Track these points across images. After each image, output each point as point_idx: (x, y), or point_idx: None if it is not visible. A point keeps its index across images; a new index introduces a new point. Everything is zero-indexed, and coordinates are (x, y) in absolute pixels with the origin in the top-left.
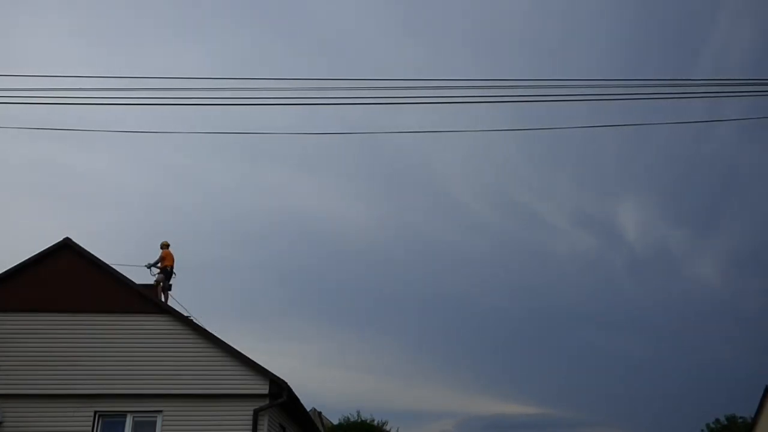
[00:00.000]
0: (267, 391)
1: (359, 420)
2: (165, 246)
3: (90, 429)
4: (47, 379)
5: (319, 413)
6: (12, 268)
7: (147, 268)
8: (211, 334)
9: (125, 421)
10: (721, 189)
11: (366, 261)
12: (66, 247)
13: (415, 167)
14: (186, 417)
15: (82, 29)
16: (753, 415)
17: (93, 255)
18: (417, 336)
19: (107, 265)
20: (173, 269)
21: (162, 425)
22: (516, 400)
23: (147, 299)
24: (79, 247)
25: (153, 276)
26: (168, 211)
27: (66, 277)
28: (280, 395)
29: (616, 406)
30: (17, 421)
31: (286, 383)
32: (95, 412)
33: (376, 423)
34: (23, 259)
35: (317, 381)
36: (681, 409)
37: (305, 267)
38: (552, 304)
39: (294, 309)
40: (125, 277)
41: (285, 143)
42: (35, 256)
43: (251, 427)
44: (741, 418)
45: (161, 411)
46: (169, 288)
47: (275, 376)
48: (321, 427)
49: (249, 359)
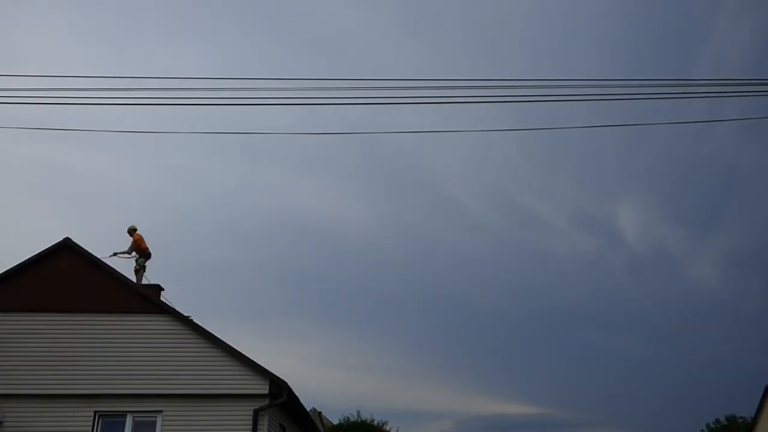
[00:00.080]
0: (267, 391)
1: (359, 420)
2: (134, 230)
3: (90, 429)
4: (47, 379)
5: (319, 413)
6: (12, 268)
7: (117, 256)
8: (211, 334)
9: (125, 421)
10: (721, 189)
11: (366, 261)
12: (66, 247)
13: (415, 167)
14: (186, 417)
15: (82, 29)
16: (753, 415)
17: (93, 255)
18: (417, 336)
19: (107, 265)
20: (148, 252)
21: (162, 425)
22: (516, 400)
23: (147, 299)
24: (79, 247)
25: (127, 259)
26: (168, 211)
27: (66, 277)
28: (280, 395)
29: (616, 406)
30: (17, 421)
31: (286, 383)
32: (95, 412)
33: (376, 423)
34: (23, 259)
35: (317, 381)
36: (681, 409)
37: (305, 267)
38: (552, 304)
39: (294, 309)
40: (125, 277)
41: (285, 143)
42: (35, 256)
43: (251, 427)
44: (741, 418)
45: (161, 411)
46: (144, 268)
47: (275, 376)
48: (321, 427)
49: (249, 359)
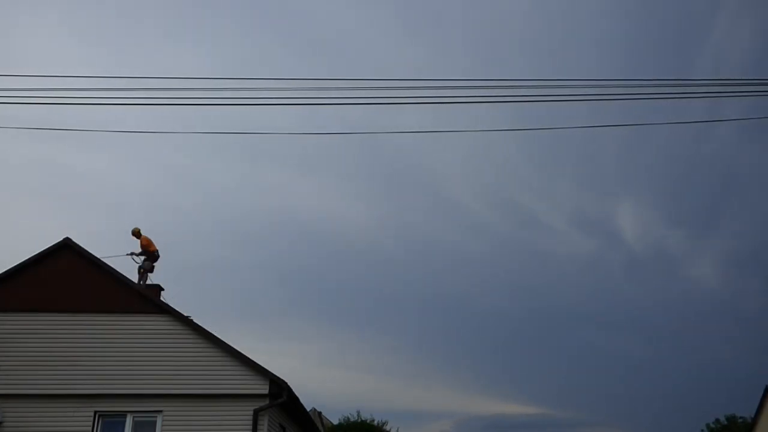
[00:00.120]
0: (267, 391)
1: (359, 420)
2: (138, 233)
3: (90, 429)
4: (47, 379)
5: (319, 413)
6: (12, 268)
7: (131, 256)
8: (211, 334)
9: (125, 421)
10: (721, 189)
11: (366, 261)
12: (66, 247)
13: (415, 167)
14: (186, 417)
15: (82, 29)
16: (753, 415)
17: (93, 255)
18: (417, 336)
19: (107, 265)
20: (156, 254)
21: (162, 425)
22: (516, 400)
23: (147, 299)
24: (79, 247)
25: (137, 263)
26: (168, 211)
27: (66, 277)
28: (280, 395)
29: (616, 406)
30: (17, 421)
31: (286, 383)
32: (95, 412)
33: (376, 423)
34: (23, 259)
35: (317, 381)
36: (681, 409)
37: (305, 267)
38: (552, 304)
39: (294, 309)
40: (125, 277)
41: (285, 143)
42: (35, 256)
43: (251, 427)
44: (741, 418)
45: (161, 411)
46: (151, 270)
47: (275, 376)
48: (321, 427)
49: (249, 359)
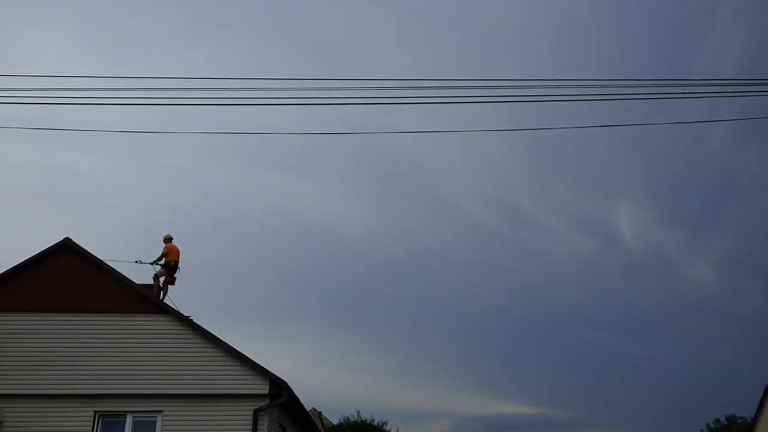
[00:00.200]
0: (267, 391)
1: (359, 420)
2: (168, 240)
3: (90, 429)
4: (47, 379)
5: (319, 413)
6: (12, 268)
7: (150, 264)
8: (211, 334)
9: (125, 421)
10: (720, 189)
11: (366, 261)
12: (66, 247)
13: (415, 168)
14: (186, 417)
15: (82, 29)
16: (753, 415)
17: (93, 255)
18: (417, 336)
19: (107, 265)
20: (177, 264)
21: (162, 425)
22: (515, 400)
23: (147, 299)
24: (79, 247)
25: (154, 270)
26: (168, 211)
27: (66, 277)
28: (280, 395)
29: (616, 406)
30: (17, 421)
31: (286, 383)
32: (95, 412)
33: (376, 423)
34: (23, 259)
35: (317, 381)
36: (681, 409)
37: (305, 267)
38: (551, 304)
39: (294, 309)
40: (125, 277)
41: (285, 143)
42: (35, 256)
43: (251, 427)
44: (741, 418)
45: (161, 411)
46: (172, 282)
47: (275, 376)
48: (321, 427)
49: (249, 359)
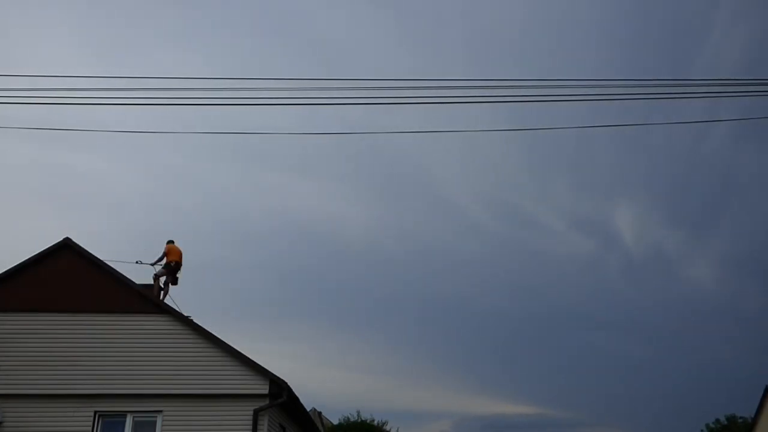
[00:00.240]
0: (267, 391)
1: (359, 420)
2: (170, 242)
3: (90, 429)
4: (47, 379)
5: (319, 413)
6: (12, 268)
7: (150, 265)
8: (211, 334)
9: (125, 421)
10: (720, 189)
11: (366, 261)
12: (66, 247)
13: (415, 168)
14: (186, 417)
15: (82, 29)
16: (753, 415)
17: (93, 255)
18: (417, 336)
19: (107, 265)
20: (178, 264)
21: (162, 425)
22: (515, 400)
23: (147, 299)
24: (79, 247)
25: (155, 270)
26: (168, 211)
27: (66, 277)
28: (280, 395)
29: (616, 406)
30: (17, 421)
31: (286, 383)
32: (95, 412)
33: (376, 423)
34: (23, 259)
35: (317, 381)
36: (681, 409)
37: (305, 267)
38: (551, 304)
39: (294, 309)
40: (125, 277)
41: (285, 143)
42: (35, 256)
43: (251, 427)
44: (741, 418)
45: (161, 411)
46: (175, 282)
47: (275, 376)
48: (321, 427)
49: (249, 359)
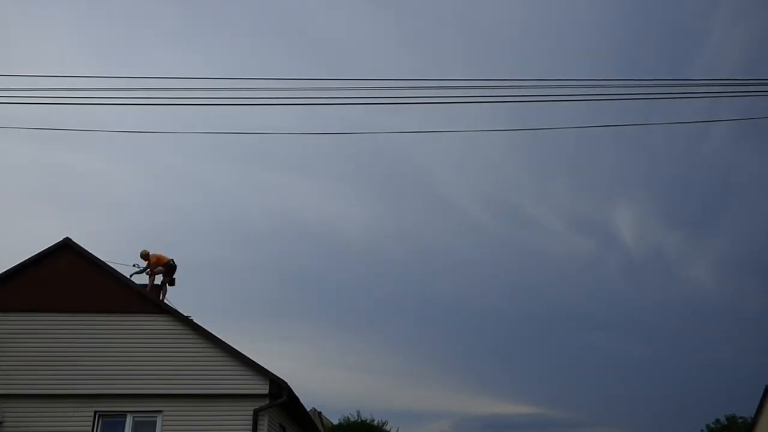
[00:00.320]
0: (267, 391)
1: (359, 420)
2: (145, 255)
3: (90, 429)
4: (47, 379)
5: (319, 413)
6: (12, 268)
7: (147, 274)
8: (211, 334)
9: (125, 421)
10: (720, 189)
11: (365, 261)
12: (66, 247)
13: (415, 168)
14: (186, 417)
15: (82, 29)
16: (753, 415)
17: (93, 255)
18: (417, 336)
19: (107, 265)
20: (174, 263)
21: (162, 425)
22: (515, 400)
23: (147, 299)
24: (79, 247)
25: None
26: (168, 211)
27: (66, 277)
28: (280, 395)
29: (616, 406)
30: (17, 421)
31: (286, 383)
32: (95, 412)
33: (376, 423)
34: (23, 259)
35: (317, 381)
36: (681, 409)
37: (305, 267)
38: (551, 304)
39: (294, 309)
40: (125, 277)
41: (285, 143)
42: (35, 256)
43: (251, 427)
44: (741, 418)
45: (161, 411)
46: (172, 283)
47: (275, 376)
48: (321, 427)
49: (249, 359)
